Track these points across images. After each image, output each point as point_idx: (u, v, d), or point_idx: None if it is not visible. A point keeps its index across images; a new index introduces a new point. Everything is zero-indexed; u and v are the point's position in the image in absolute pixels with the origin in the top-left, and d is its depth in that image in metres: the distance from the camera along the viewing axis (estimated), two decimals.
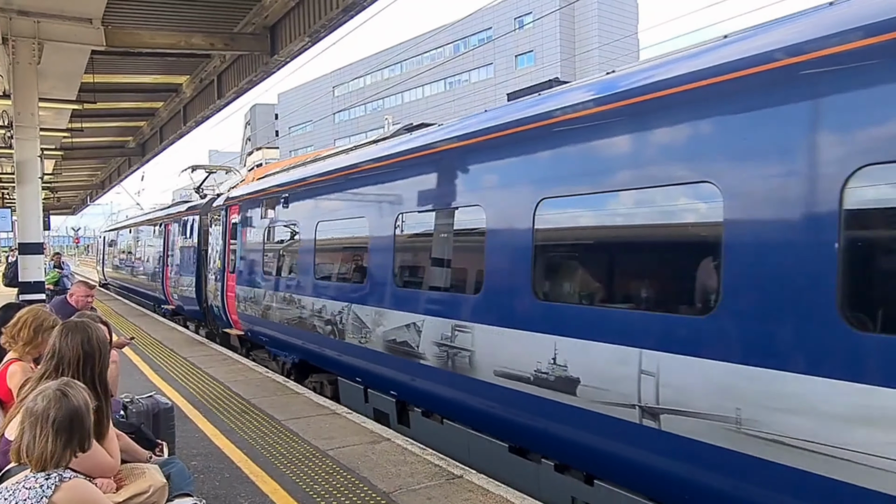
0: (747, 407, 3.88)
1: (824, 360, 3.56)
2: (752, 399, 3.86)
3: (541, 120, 5.61)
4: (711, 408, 4.06)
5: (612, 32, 59.55)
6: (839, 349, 3.50)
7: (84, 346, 3.55)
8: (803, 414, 3.61)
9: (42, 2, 10.16)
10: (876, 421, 3.32)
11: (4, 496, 2.59)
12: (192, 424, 7.32)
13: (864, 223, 3.62)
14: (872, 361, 3.39)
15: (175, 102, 18.78)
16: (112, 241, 32.33)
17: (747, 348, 3.93)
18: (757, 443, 3.82)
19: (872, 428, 3.33)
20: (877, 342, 3.40)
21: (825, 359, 3.55)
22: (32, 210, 10.89)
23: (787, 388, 3.70)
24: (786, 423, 3.68)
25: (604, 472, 5.04)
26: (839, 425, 3.45)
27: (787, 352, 3.74)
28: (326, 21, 10.69)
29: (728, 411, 3.96)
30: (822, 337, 3.58)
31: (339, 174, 9.18)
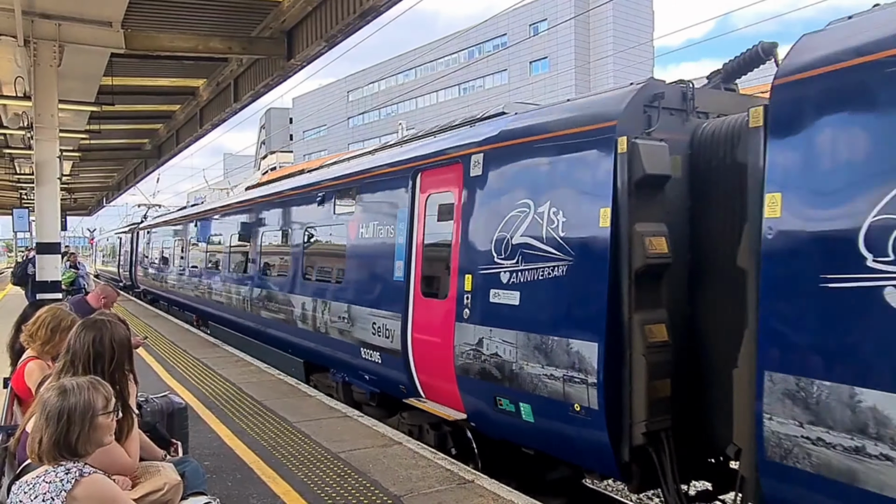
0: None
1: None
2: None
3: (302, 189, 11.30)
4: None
5: (627, 40, 59.46)
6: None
7: (96, 345, 3.59)
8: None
9: (63, 5, 10.32)
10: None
11: (24, 490, 2.62)
12: (204, 425, 7.37)
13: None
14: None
15: (192, 105, 18.96)
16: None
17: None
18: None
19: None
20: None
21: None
22: (51, 210, 11.03)
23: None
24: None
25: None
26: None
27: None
28: (343, 26, 10.79)
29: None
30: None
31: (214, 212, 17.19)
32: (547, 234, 5.72)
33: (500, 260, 6.17)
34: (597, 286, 5.20)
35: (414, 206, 7.70)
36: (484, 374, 6.28)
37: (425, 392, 7.45)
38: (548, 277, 5.67)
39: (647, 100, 5.36)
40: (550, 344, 5.58)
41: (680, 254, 5.22)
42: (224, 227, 15.74)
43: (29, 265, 15.17)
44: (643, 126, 5.30)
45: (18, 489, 2.66)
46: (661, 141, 5.21)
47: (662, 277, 5.20)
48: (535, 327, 5.75)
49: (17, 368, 4.59)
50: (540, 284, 5.75)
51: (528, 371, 5.77)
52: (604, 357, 5.09)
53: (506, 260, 6.12)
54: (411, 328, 7.50)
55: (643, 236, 5.04)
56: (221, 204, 17.38)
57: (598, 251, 5.25)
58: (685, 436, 5.13)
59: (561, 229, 5.61)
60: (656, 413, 5.02)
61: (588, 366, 5.21)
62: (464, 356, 6.51)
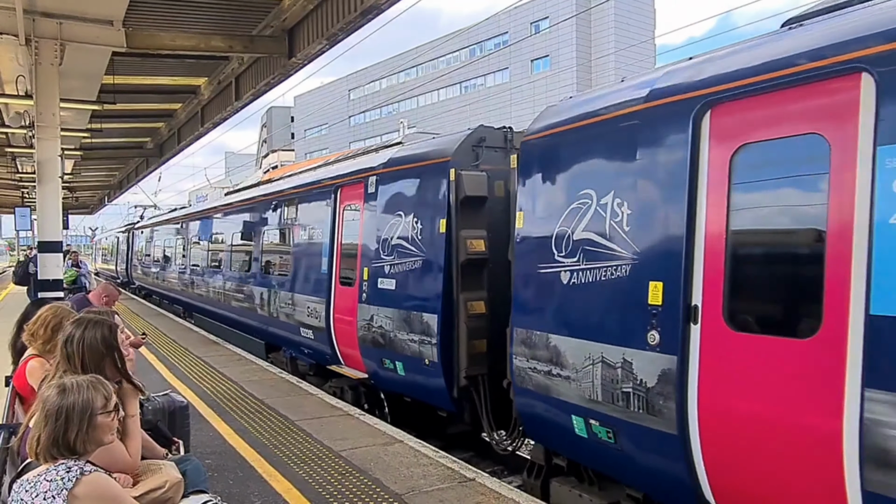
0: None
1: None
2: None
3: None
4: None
5: (628, 37, 59.37)
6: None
7: (70, 344, 3.63)
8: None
9: (65, 4, 10.30)
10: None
11: (26, 488, 2.62)
12: (206, 423, 7.38)
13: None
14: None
15: (193, 104, 18.96)
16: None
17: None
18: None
19: None
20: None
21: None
22: (52, 209, 11.03)
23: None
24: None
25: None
26: None
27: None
28: (344, 24, 10.76)
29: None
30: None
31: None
32: (410, 237, 7.77)
33: (384, 256, 8.27)
34: (437, 275, 7.30)
35: (335, 214, 9.79)
36: (375, 342, 8.33)
37: (343, 360, 9.42)
38: (409, 269, 7.77)
39: (475, 141, 7.52)
40: (412, 317, 7.64)
41: (501, 251, 6.69)
42: (202, 229, 18.30)
43: (30, 264, 15.19)
44: (471, 160, 7.42)
45: (20, 487, 2.66)
46: (482, 171, 7.32)
47: (482, 268, 7.26)
48: (404, 305, 7.80)
49: (19, 367, 4.59)
50: (406, 274, 7.84)
51: (400, 337, 7.81)
52: (440, 325, 7.19)
53: (387, 256, 8.21)
54: (333, 310, 9.54)
55: (466, 239, 7.17)
56: (200, 208, 20.37)
57: (438, 250, 7.32)
58: (498, 378, 6.69)
59: (418, 234, 7.66)
60: (475, 364, 7.17)
61: (432, 331, 7.28)
62: (363, 329, 8.56)
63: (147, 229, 27.66)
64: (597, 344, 4.99)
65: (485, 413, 7.19)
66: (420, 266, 7.59)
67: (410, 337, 7.64)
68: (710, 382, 4.22)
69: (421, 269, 7.59)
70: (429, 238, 7.48)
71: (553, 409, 5.49)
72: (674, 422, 4.35)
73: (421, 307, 7.50)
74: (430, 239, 7.44)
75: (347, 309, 9.00)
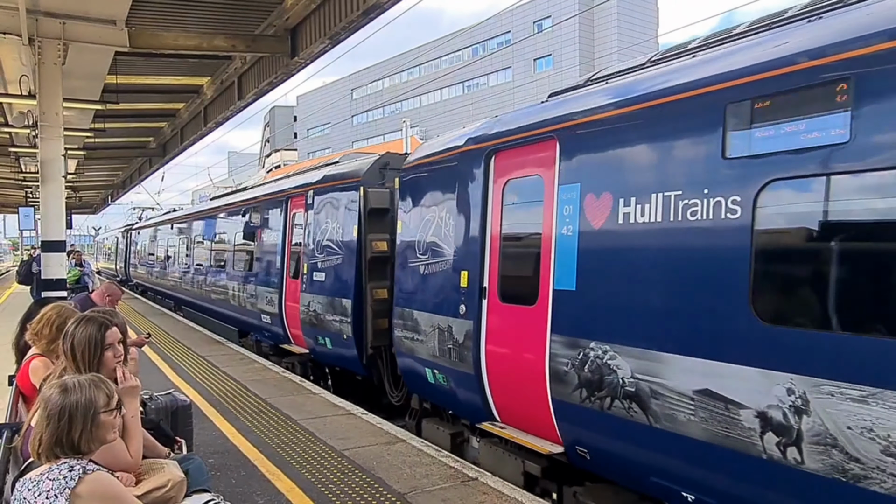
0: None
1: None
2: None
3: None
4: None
5: (631, 36, 59.30)
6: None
7: (65, 342, 3.68)
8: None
9: (68, 3, 10.32)
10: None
11: (28, 487, 2.62)
12: (209, 422, 7.39)
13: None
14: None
15: (196, 104, 18.97)
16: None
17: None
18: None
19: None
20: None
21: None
22: (55, 208, 11.05)
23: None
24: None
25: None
26: None
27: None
28: (347, 23, 10.76)
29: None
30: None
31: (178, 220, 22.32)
32: (334, 240, 9.82)
33: (317, 254, 10.33)
34: (351, 268, 9.34)
35: (286, 220, 11.86)
36: (312, 324, 10.40)
37: (293, 339, 11.49)
38: (333, 264, 9.84)
39: (381, 165, 9.57)
40: (335, 302, 9.68)
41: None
42: (187, 231, 20.68)
43: (33, 264, 15.21)
44: (378, 180, 9.44)
45: (22, 486, 2.66)
46: (386, 189, 9.23)
47: (386, 263, 8.96)
48: (330, 293, 9.85)
49: (22, 366, 4.60)
50: (331, 268, 9.91)
51: (328, 319, 9.86)
52: (353, 307, 9.22)
53: (319, 254, 10.28)
54: (284, 298, 11.60)
55: (372, 241, 9.14)
56: (187, 212, 22.68)
57: (352, 249, 9.35)
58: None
59: (340, 237, 9.68)
60: (379, 338, 8.91)
61: (348, 312, 9.32)
62: (304, 313, 10.64)
63: (142, 230, 30.36)
64: (436, 315, 7.01)
65: (386, 375, 9.19)
66: (340, 262, 9.69)
67: (334, 318, 9.72)
68: (491, 336, 6.28)
69: (341, 264, 9.68)
70: (346, 240, 9.58)
71: (417, 364, 7.50)
72: (471, 365, 6.40)
73: (340, 294, 9.58)
74: (347, 241, 9.53)
75: (294, 297, 11.12)
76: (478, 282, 6.35)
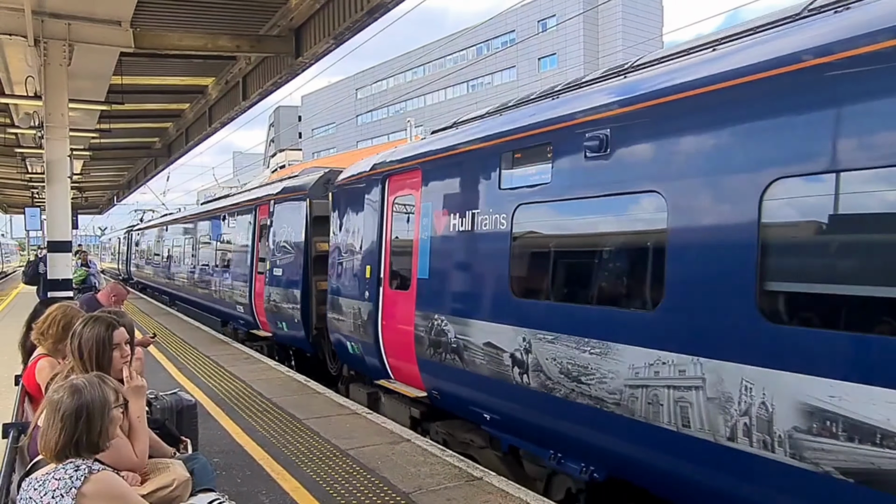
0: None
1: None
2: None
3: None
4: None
5: (636, 35, 59.17)
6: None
7: (73, 342, 3.69)
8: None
9: (73, 4, 10.36)
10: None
11: (34, 486, 2.63)
12: (214, 422, 7.40)
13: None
14: None
15: (201, 104, 19.02)
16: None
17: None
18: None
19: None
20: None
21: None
22: (61, 209, 11.09)
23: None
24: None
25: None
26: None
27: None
28: (351, 23, 10.77)
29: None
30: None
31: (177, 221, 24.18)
32: (288, 241, 11.85)
33: (277, 253, 12.29)
34: (300, 265, 11.25)
35: (255, 225, 13.99)
36: (272, 312, 12.47)
37: (261, 326, 13.54)
38: (288, 262, 11.81)
39: (325, 180, 11.20)
40: (289, 293, 11.64)
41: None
42: (180, 233, 22.88)
43: (40, 264, 15.27)
44: (322, 192, 11.09)
45: (28, 486, 2.67)
46: (328, 200, 10.56)
47: (327, 261, 10.20)
48: (285, 285, 11.82)
49: (28, 366, 4.61)
50: (286, 265, 11.86)
51: (283, 306, 11.81)
52: (301, 296, 11.14)
53: (278, 253, 12.24)
54: (253, 291, 13.64)
55: (316, 242, 10.97)
56: (179, 216, 25.19)
57: (301, 249, 11.30)
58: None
59: (292, 239, 11.71)
60: (321, 320, 10.55)
61: (297, 301, 11.24)
62: (267, 303, 12.62)
63: (141, 232, 33.17)
64: (352, 300, 8.96)
65: (327, 351, 11.07)
66: (292, 259, 11.65)
67: (287, 306, 11.68)
68: (385, 314, 8.14)
69: (293, 262, 11.61)
70: (296, 241, 11.56)
71: (342, 339, 9.45)
72: (372, 337, 8.31)
73: (292, 286, 11.54)
74: (298, 241, 11.50)
75: (260, 290, 13.17)
76: (377, 274, 8.34)
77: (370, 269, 8.44)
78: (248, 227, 14.42)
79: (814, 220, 3.85)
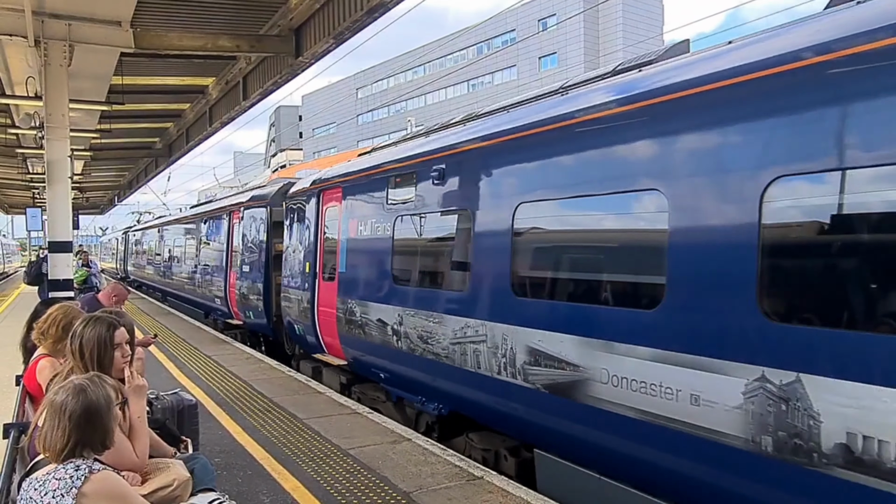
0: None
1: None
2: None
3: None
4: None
5: (636, 34, 59.12)
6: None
7: (73, 342, 3.69)
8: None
9: (73, 5, 10.37)
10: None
11: (35, 486, 2.63)
12: (215, 422, 7.41)
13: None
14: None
15: (201, 104, 19.03)
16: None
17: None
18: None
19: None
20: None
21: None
22: (62, 209, 11.11)
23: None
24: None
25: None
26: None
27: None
28: (351, 22, 10.78)
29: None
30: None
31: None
32: (253, 242, 13.95)
33: (245, 253, 14.45)
34: (262, 263, 13.27)
35: (230, 228, 16.09)
36: (241, 303, 14.54)
37: (234, 316, 15.51)
38: (253, 260, 13.84)
39: (284, 190, 12.84)
40: (253, 286, 13.65)
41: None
42: (170, 234, 25.16)
43: (43, 264, 15.28)
44: (281, 201, 12.69)
45: (29, 486, 2.67)
46: (293, 206, 11.89)
47: (281, 258, 12.11)
48: (251, 280, 13.81)
49: (29, 366, 4.62)
50: (251, 262, 13.92)
51: (250, 298, 13.84)
52: (263, 289, 13.08)
53: (246, 252, 14.37)
54: (228, 285, 15.65)
55: (275, 244, 12.84)
56: (169, 219, 27.49)
57: (263, 249, 13.34)
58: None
59: (256, 240, 13.79)
60: (278, 310, 12.25)
61: (260, 293, 13.18)
62: (238, 294, 14.70)
63: (136, 233, 36.04)
64: (297, 290, 10.90)
65: (284, 335, 12.53)
66: (256, 258, 13.75)
67: (253, 297, 13.76)
68: (319, 301, 10.02)
69: (256, 260, 13.73)
70: (259, 242, 13.71)
71: (292, 323, 11.32)
72: (311, 319, 10.28)
73: (256, 280, 13.58)
74: (259, 243, 13.68)
75: (233, 285, 15.26)
76: (314, 268, 10.35)
77: (309, 265, 10.50)
78: (224, 230, 16.61)
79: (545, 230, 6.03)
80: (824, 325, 3.61)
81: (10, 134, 18.14)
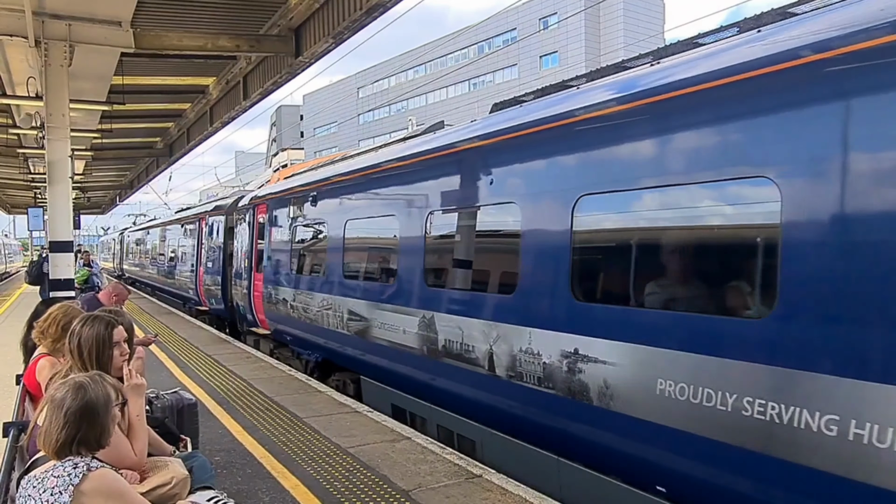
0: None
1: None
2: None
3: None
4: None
5: (637, 32, 59.07)
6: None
7: (72, 341, 3.71)
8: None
9: (74, 5, 10.38)
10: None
11: (33, 484, 2.65)
12: (215, 420, 7.43)
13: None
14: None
15: (202, 104, 19.05)
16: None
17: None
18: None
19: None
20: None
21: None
22: (63, 209, 11.12)
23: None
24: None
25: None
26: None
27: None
28: (350, 22, 10.78)
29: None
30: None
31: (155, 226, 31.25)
32: (215, 244, 17.61)
33: (210, 253, 18.21)
34: (220, 261, 16.91)
35: (200, 232, 19.52)
36: (207, 293, 18.28)
37: (203, 304, 19.09)
38: (215, 258, 17.56)
39: (236, 203, 16.54)
40: (215, 279, 17.25)
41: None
42: (156, 236, 28.79)
43: (44, 264, 15.32)
44: (234, 211, 16.49)
45: (27, 483, 2.69)
46: (239, 216, 15.64)
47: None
48: (214, 274, 17.40)
49: (29, 365, 4.64)
50: (213, 261, 17.58)
51: (212, 289, 17.55)
52: (222, 281, 16.70)
53: (210, 253, 18.11)
54: (198, 280, 19.25)
55: (230, 245, 16.35)
56: (157, 222, 31.42)
57: (222, 250, 16.94)
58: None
59: (217, 243, 17.49)
60: (233, 297, 15.90)
61: (220, 284, 16.82)
62: (205, 286, 18.36)
63: (131, 234, 39.60)
64: (242, 280, 14.54)
65: (237, 317, 15.45)
66: (217, 257, 17.05)
67: (213, 288, 17.28)
68: (254, 287, 13.71)
69: (217, 258, 17.02)
70: (218, 244, 17.04)
71: (238, 305, 15.00)
72: (249, 301, 14.07)
73: (217, 273, 16.89)
74: (218, 245, 17.00)
75: (202, 279, 18.74)
76: (251, 263, 13.88)
77: (247, 261, 14.22)
78: (195, 234, 20.20)
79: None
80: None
81: (11, 134, 18.17)
